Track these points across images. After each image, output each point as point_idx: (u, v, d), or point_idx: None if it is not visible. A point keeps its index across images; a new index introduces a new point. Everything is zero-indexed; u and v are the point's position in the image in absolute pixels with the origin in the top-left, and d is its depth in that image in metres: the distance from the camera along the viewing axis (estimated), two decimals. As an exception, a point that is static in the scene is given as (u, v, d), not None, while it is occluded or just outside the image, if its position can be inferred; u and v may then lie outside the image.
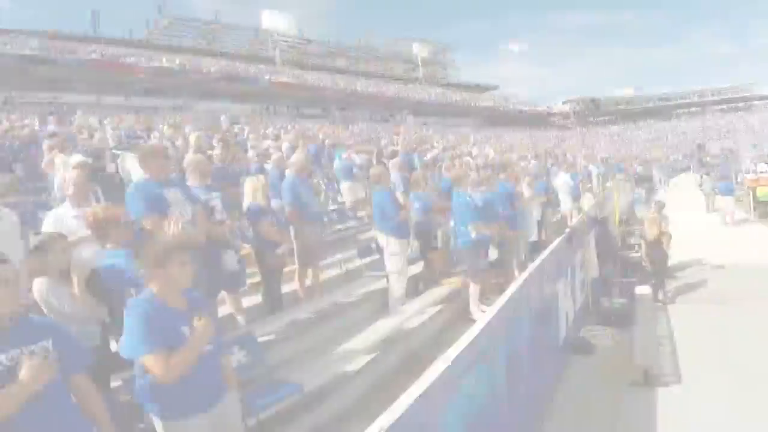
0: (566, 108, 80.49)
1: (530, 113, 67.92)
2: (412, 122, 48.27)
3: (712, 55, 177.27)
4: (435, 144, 19.98)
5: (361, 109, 50.13)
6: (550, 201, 8.85)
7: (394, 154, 10.37)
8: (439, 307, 5.71)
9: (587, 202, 9.82)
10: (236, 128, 16.88)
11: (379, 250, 5.57)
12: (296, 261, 5.07)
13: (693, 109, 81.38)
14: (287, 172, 5.53)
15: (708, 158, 36.66)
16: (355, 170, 8.96)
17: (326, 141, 14.85)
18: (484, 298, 5.41)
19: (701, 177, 21.80)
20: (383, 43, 63.77)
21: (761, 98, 77.62)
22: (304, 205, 4.90)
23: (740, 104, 78.46)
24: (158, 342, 2.07)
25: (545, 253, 5.02)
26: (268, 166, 7.28)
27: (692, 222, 15.33)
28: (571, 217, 9.20)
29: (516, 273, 5.69)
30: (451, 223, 5.82)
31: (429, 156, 11.76)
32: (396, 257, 5.18)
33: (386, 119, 50.52)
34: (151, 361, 2.05)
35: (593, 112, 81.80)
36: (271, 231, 4.46)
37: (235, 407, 2.51)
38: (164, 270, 2.19)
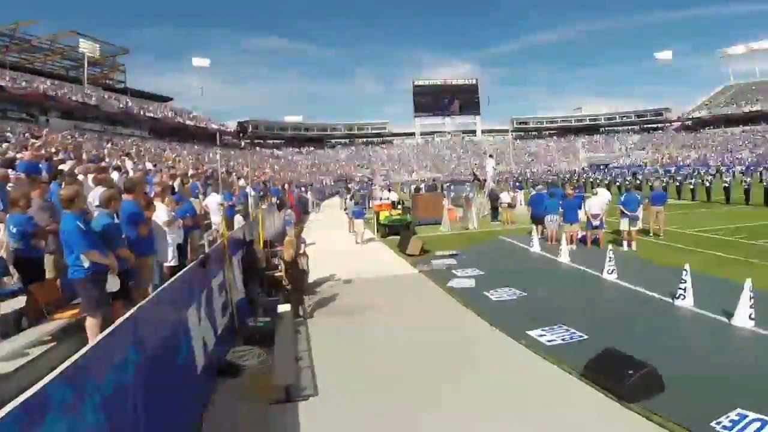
0: (239, 128, 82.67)
1: (202, 129, 66.74)
2: (61, 126, 40.92)
3: (366, 93, 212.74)
4: (84, 154, 17.35)
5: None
6: (198, 223, 8.67)
7: (7, 162, 8.42)
8: (49, 346, 4.82)
9: (237, 223, 10.07)
10: None
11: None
12: None
13: (344, 140, 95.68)
14: None
15: (351, 185, 43.17)
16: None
17: None
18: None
19: (345, 201, 25.35)
20: (41, 34, 51.63)
21: (393, 135, 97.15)
22: None
23: (378, 139, 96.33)
24: None
25: (171, 280, 4.82)
26: None
27: (334, 241, 17.70)
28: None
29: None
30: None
31: (62, 167, 10.01)
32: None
33: (27, 119, 41.36)
34: None
35: (264, 134, 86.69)
36: None
37: None
38: None
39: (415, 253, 13.69)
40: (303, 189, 35.77)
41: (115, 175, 10.59)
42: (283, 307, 8.37)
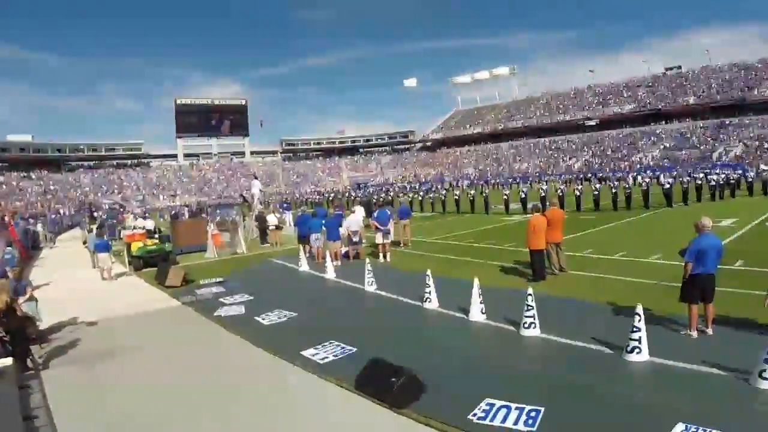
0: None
1: None
2: None
3: (116, 111, 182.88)
4: None
5: None
6: None
7: None
8: None
9: None
10: None
11: None
12: None
13: (88, 163, 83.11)
14: None
15: (98, 213, 37.73)
16: None
17: None
18: None
19: (87, 233, 21.93)
20: None
21: (150, 157, 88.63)
22: None
23: (132, 161, 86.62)
24: None
25: None
26: None
27: (75, 280, 15.21)
28: None
29: None
30: None
31: None
32: None
33: None
34: None
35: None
36: None
37: None
38: None
39: (175, 284, 12.59)
40: (32, 221, 29.85)
41: None
42: (5, 361, 6.84)
